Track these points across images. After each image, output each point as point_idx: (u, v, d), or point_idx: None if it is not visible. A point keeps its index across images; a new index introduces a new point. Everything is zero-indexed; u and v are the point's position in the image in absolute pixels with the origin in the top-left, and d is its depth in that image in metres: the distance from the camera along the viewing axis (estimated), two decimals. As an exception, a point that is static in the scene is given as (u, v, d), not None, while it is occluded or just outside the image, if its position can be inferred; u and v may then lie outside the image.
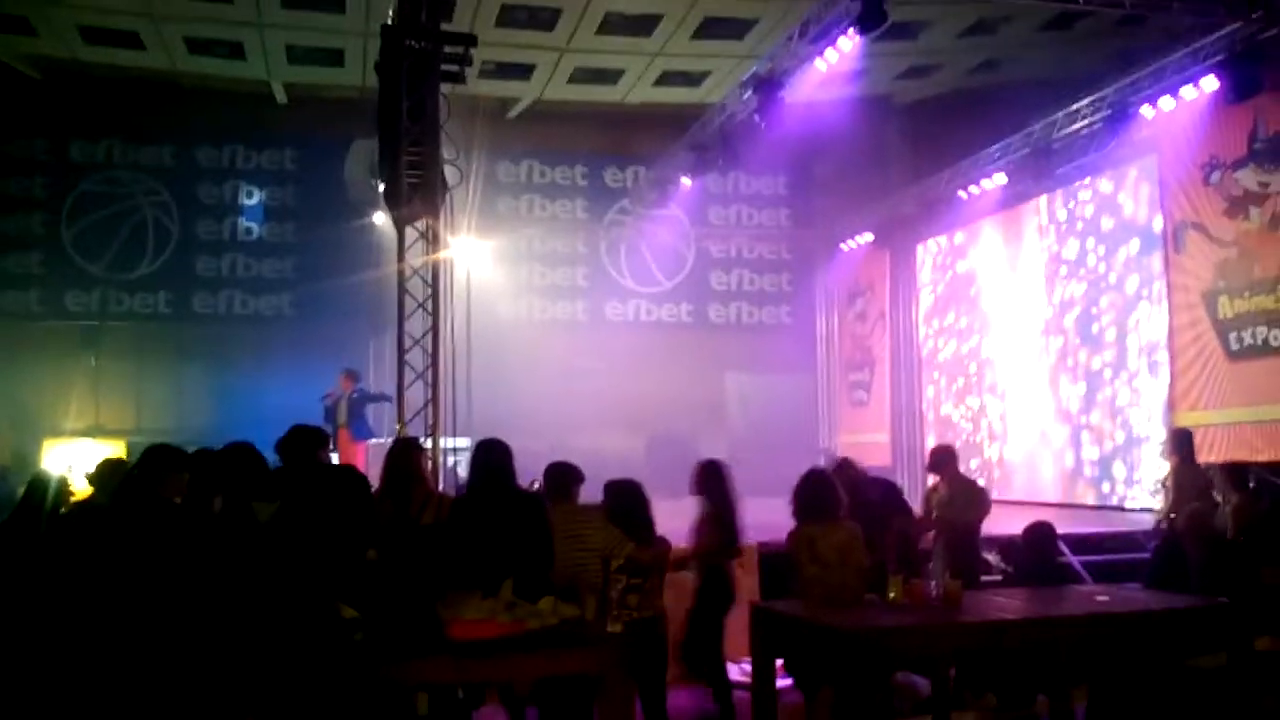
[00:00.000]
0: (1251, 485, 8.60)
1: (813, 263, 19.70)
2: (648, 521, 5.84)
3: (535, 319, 19.49)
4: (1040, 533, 6.93)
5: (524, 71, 17.67)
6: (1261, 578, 6.81)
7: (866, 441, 17.87)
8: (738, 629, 6.36)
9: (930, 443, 16.28)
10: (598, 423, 18.53)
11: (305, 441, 5.97)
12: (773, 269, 20.87)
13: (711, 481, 6.67)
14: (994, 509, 10.02)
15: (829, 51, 11.07)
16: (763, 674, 5.53)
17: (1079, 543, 9.39)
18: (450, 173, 15.81)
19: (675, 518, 7.22)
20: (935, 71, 16.55)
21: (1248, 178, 10.66)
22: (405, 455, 6.13)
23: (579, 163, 20.59)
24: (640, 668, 5.70)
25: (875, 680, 5.26)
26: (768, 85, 12.30)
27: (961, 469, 8.67)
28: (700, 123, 15.23)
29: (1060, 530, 9.75)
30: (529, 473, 6.34)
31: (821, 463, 17.05)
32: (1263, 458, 10.27)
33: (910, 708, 5.79)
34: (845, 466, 7.78)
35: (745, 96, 13.13)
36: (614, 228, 20.35)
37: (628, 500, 5.79)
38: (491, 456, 5.57)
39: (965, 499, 7.70)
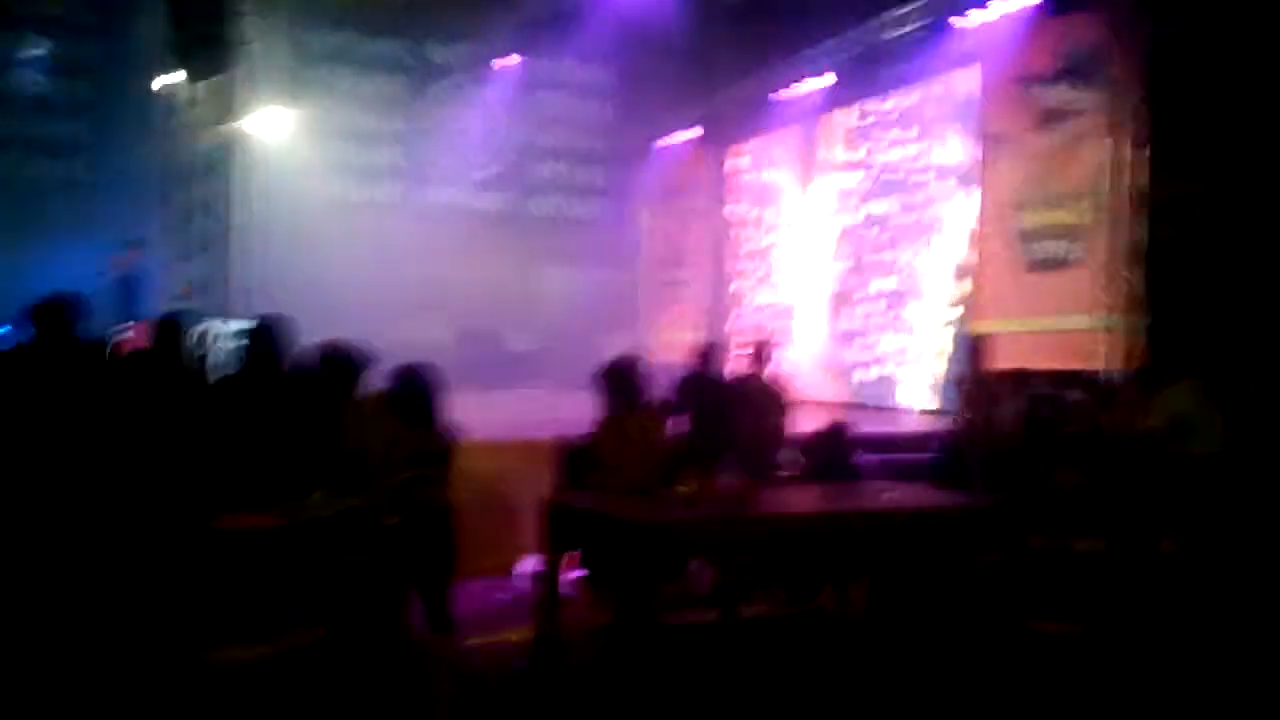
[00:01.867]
0: (1039, 392, 8.91)
1: (633, 158, 19.38)
2: (433, 411, 5.52)
3: (350, 200, 18.67)
4: (833, 432, 6.97)
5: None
6: (1054, 479, 7.05)
7: (680, 339, 17.89)
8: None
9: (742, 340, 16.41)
10: (411, 312, 18.01)
11: (58, 314, 5.36)
12: (594, 162, 20.50)
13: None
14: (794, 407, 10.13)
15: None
16: (552, 568, 5.37)
17: (874, 443, 9.55)
18: (251, 26, 14.74)
19: (483, 410, 6.97)
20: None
21: (1057, 93, 10.89)
22: (167, 335, 5.60)
23: (402, 35, 19.52)
24: (422, 562, 5.46)
25: (668, 571, 5.19)
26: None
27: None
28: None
29: (853, 430, 9.98)
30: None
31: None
32: (1052, 365, 10.68)
33: (698, 600, 5.75)
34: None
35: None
36: (436, 108, 19.40)
37: (411, 388, 5.46)
38: (262, 338, 5.13)
39: (763, 398, 7.69)
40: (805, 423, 8.07)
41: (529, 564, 6.77)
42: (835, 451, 7.22)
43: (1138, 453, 6.89)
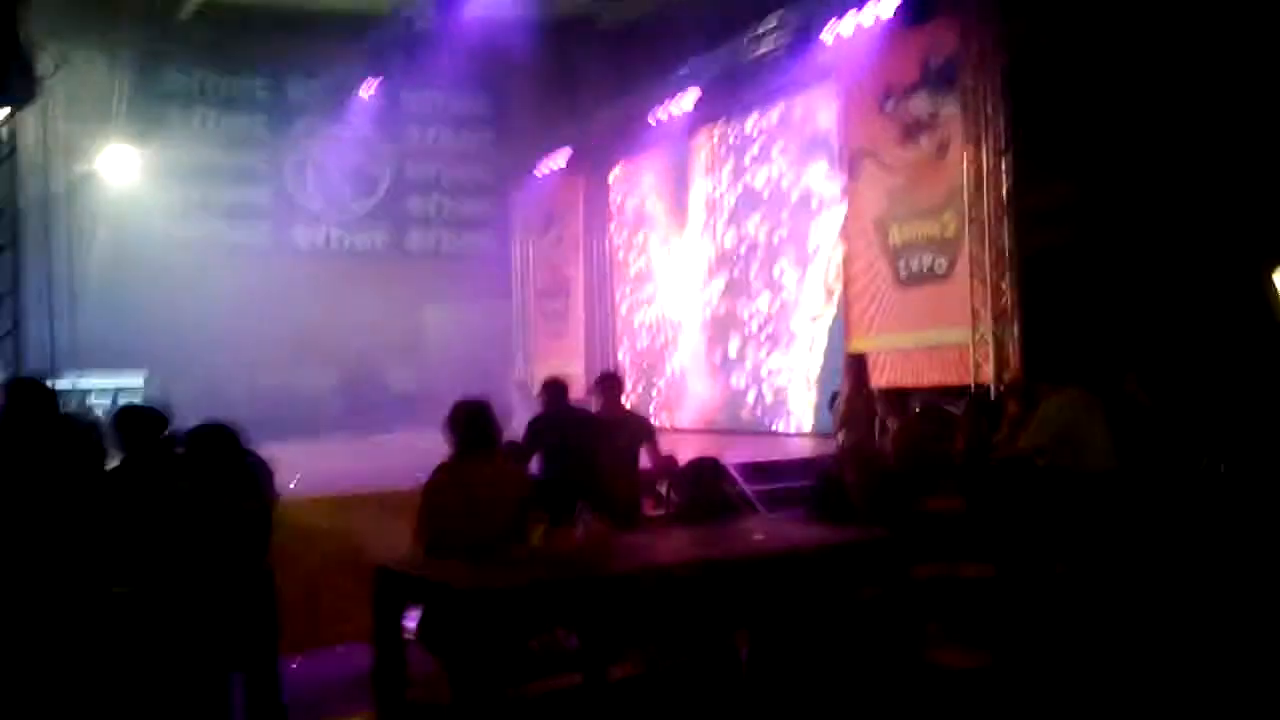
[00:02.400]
0: (919, 410, 8.46)
1: (511, 187, 18.78)
2: (238, 468, 4.74)
3: (214, 242, 17.78)
4: (702, 466, 6.36)
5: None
6: (924, 506, 6.55)
7: (562, 372, 17.23)
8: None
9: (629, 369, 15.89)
10: (288, 357, 17.19)
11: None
12: (471, 193, 19.86)
13: None
14: (669, 437, 9.55)
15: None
16: (384, 641, 4.63)
17: (752, 470, 9.05)
18: (96, 64, 13.72)
19: (364, 459, 6.29)
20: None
21: (918, 105, 10.57)
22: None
23: (260, 73, 18.63)
24: (239, 640, 4.69)
25: (505, 645, 4.49)
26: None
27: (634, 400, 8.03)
28: (379, 29, 13.83)
29: (734, 458, 9.44)
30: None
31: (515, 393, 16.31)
32: (928, 381, 10.30)
33: (557, 665, 5.06)
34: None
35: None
36: (300, 145, 18.58)
37: (207, 446, 4.68)
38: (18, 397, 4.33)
39: (623, 432, 7.04)
40: (684, 453, 7.47)
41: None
42: (706, 486, 6.61)
43: (1023, 472, 6.42)
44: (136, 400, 17.92)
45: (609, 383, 7.19)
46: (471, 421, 5.36)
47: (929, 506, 6.80)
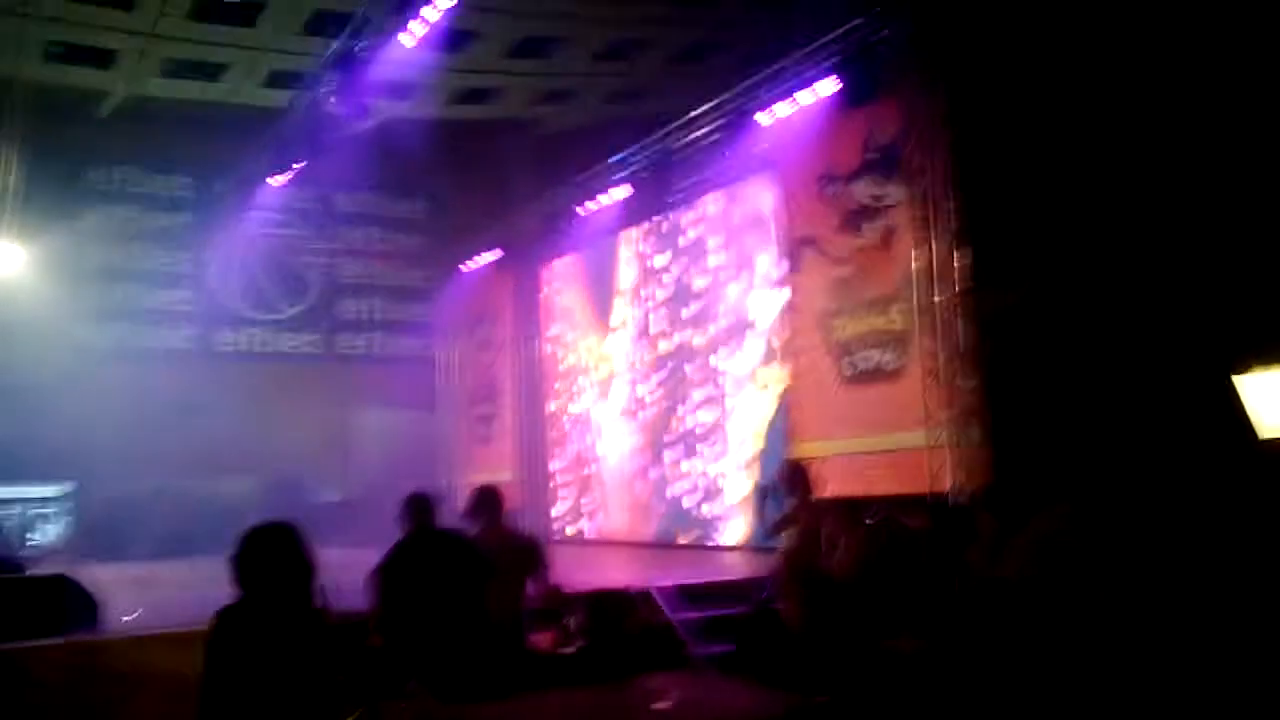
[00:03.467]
0: (868, 522, 7.05)
1: (441, 288, 17.48)
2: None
3: (131, 346, 16.52)
4: (607, 603, 4.90)
5: (103, 59, 14.39)
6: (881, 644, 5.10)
7: (490, 480, 15.73)
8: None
9: (562, 478, 14.45)
10: (210, 466, 15.83)
11: None
12: (406, 297, 18.52)
13: None
14: (594, 551, 8.05)
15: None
16: None
17: (681, 595, 7.56)
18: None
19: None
20: (571, 98, 14.91)
21: (861, 190, 9.49)
22: None
23: (183, 172, 17.35)
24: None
25: None
26: (350, 69, 9.97)
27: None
28: (284, 119, 12.65)
29: (661, 578, 7.97)
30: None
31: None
32: (880, 490, 8.92)
33: None
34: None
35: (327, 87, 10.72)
36: (227, 245, 17.19)
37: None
38: None
39: (504, 557, 5.56)
40: (606, 573, 6.04)
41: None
42: (612, 623, 5.12)
43: (1008, 603, 4.98)
44: (50, 514, 16.43)
45: (487, 501, 5.75)
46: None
47: (888, 645, 5.35)
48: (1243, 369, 6.10)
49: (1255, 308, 6.81)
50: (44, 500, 15.78)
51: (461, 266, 16.13)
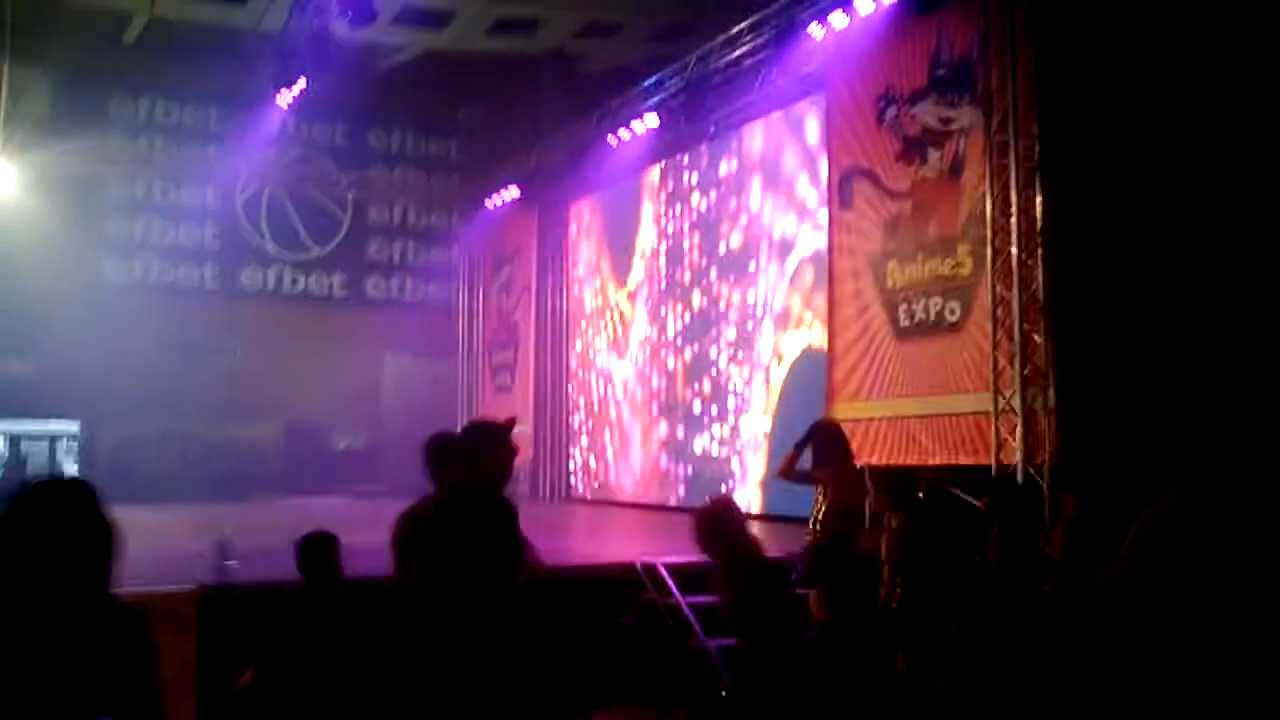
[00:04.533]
0: (920, 496, 5.59)
1: (460, 227, 16.14)
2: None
3: (152, 282, 15.51)
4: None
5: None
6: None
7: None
8: None
9: (579, 434, 13.15)
10: (228, 407, 15.13)
11: None
12: (432, 239, 17.36)
13: None
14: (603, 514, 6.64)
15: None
16: None
17: (688, 576, 6.14)
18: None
19: (306, 523, 4.54)
20: (614, 32, 13.47)
21: (927, 113, 7.95)
22: None
23: (213, 102, 16.17)
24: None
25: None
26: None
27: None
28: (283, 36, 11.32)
29: (666, 554, 6.57)
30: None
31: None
32: (934, 459, 7.43)
33: None
34: None
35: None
36: (255, 180, 16.02)
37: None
38: None
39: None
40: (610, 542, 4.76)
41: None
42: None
43: (1116, 611, 3.50)
44: (71, 449, 15.57)
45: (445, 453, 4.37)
46: None
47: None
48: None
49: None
50: (66, 436, 15.16)
51: (486, 203, 14.73)
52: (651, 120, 10.60)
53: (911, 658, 5.07)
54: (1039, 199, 7.20)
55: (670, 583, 6.29)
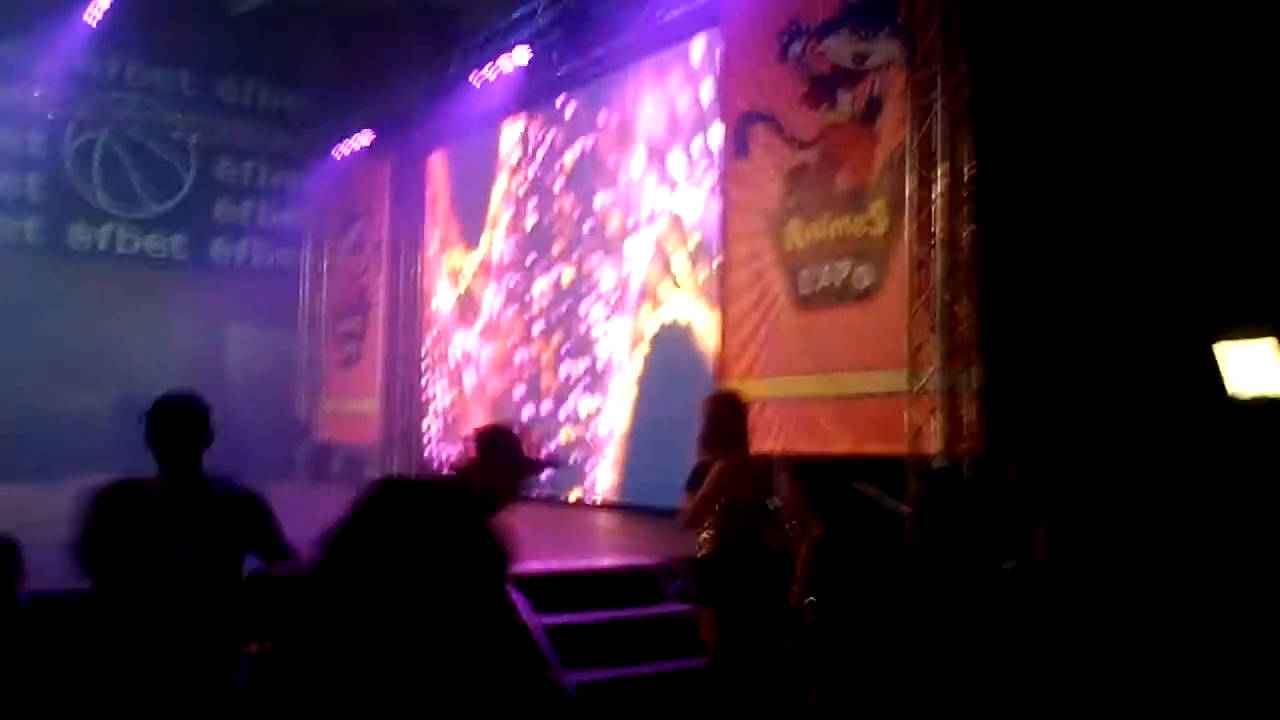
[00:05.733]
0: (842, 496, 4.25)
1: (305, 180, 14.27)
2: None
3: None
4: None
5: None
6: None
7: (353, 411, 12.67)
8: None
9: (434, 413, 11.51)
10: (51, 376, 12.98)
11: None
12: (281, 201, 15.25)
13: None
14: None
15: None
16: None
17: (546, 588, 4.65)
18: None
19: None
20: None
21: (839, 48, 6.68)
22: None
23: (31, 36, 13.75)
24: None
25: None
26: None
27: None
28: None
29: (524, 560, 5.05)
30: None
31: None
32: (839, 447, 6.12)
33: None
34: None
35: None
36: (87, 129, 13.83)
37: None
38: None
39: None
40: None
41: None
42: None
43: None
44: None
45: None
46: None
47: None
48: (1225, 337, 5.14)
49: (1246, 277, 5.26)
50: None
51: (334, 153, 12.93)
52: (521, 56, 9.02)
53: (824, 696, 3.74)
54: (966, 146, 5.95)
55: (516, 596, 4.77)
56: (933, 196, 6.02)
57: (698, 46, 8.43)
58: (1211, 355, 5.30)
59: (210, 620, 2.77)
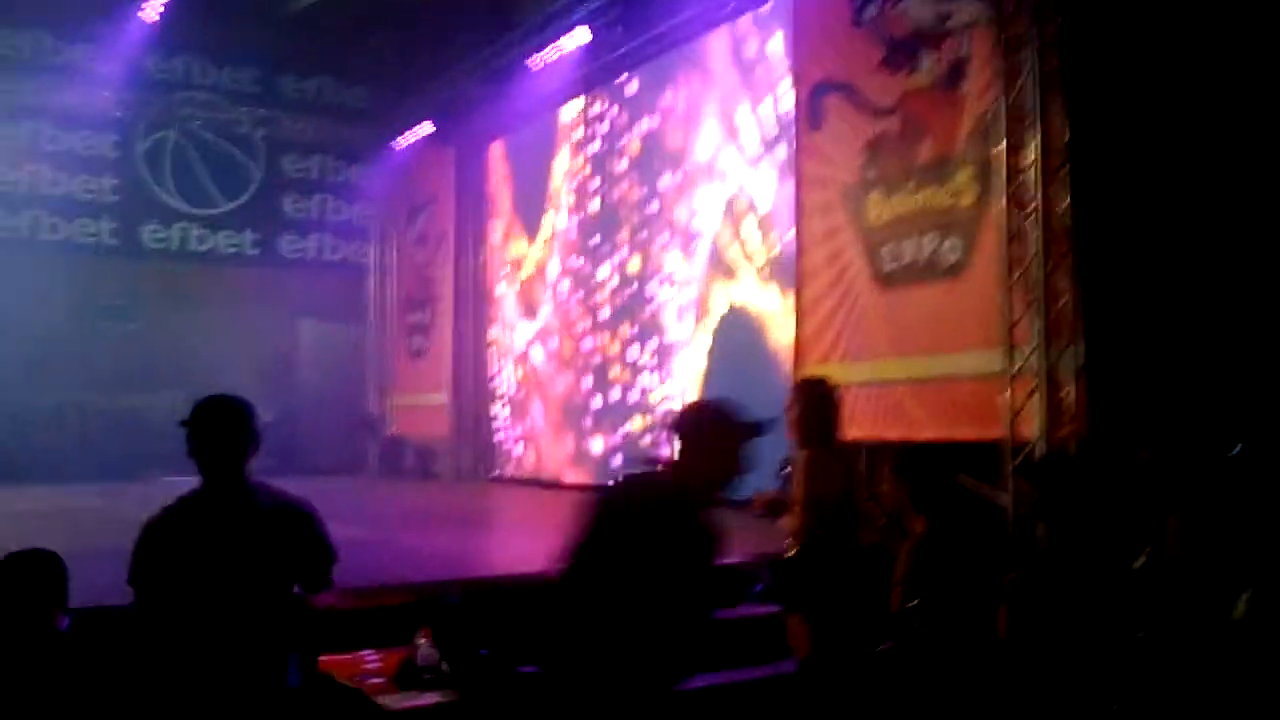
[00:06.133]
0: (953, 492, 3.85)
1: (370, 172, 14.10)
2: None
3: (41, 238, 13.26)
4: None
5: None
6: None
7: (423, 404, 12.45)
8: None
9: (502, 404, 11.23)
10: (124, 376, 13.05)
11: None
12: (348, 193, 15.12)
13: None
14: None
15: None
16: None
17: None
18: None
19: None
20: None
21: (919, 8, 6.19)
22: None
23: (95, 38, 13.79)
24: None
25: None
26: None
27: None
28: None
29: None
30: None
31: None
32: (926, 434, 5.69)
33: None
34: None
35: None
36: (156, 128, 13.75)
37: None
38: None
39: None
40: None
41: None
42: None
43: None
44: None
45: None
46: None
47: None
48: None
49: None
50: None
51: (396, 143, 12.73)
52: (581, 35, 8.66)
53: (926, 708, 3.34)
54: (1060, 110, 5.45)
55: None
56: (1024, 164, 5.54)
57: (765, 15, 7.99)
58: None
59: (255, 635, 2.55)
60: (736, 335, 8.17)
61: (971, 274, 5.88)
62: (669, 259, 9.07)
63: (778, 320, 7.71)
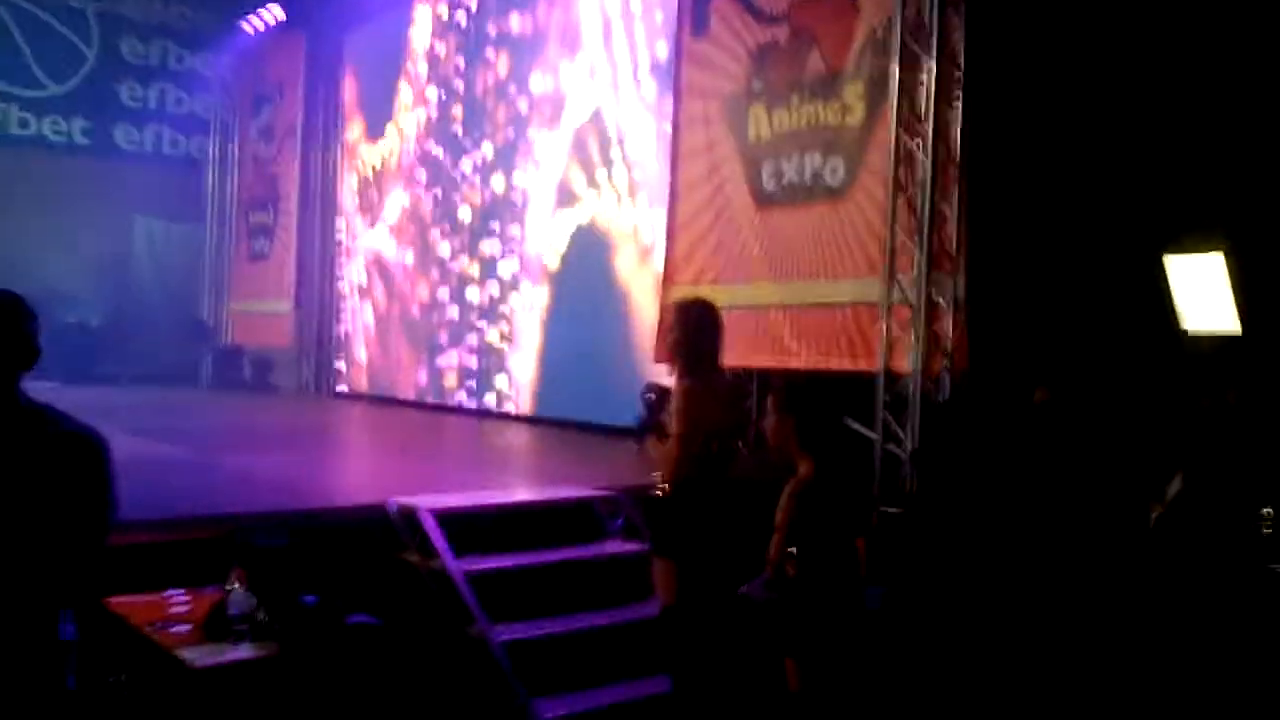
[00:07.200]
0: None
1: (212, 58, 12.72)
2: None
3: None
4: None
5: None
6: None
7: (264, 311, 11.43)
8: None
9: (348, 314, 10.41)
10: None
11: None
12: (194, 84, 13.60)
13: None
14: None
15: None
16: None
17: (465, 525, 3.76)
18: None
19: None
20: None
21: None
22: None
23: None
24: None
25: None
26: None
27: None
28: None
29: (428, 497, 4.16)
30: None
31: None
32: (798, 363, 5.28)
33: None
34: None
35: None
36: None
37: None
38: None
39: None
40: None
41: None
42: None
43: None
44: None
45: None
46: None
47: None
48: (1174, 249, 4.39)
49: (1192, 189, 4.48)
50: None
51: (244, 26, 11.46)
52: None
53: (806, 667, 2.94)
54: (961, 24, 5.00)
55: (437, 537, 3.84)
56: (920, 78, 5.09)
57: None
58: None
59: (20, 589, 2.01)
60: (588, 253, 7.52)
61: (854, 197, 5.45)
62: (524, 170, 8.29)
63: (628, 240, 7.14)
